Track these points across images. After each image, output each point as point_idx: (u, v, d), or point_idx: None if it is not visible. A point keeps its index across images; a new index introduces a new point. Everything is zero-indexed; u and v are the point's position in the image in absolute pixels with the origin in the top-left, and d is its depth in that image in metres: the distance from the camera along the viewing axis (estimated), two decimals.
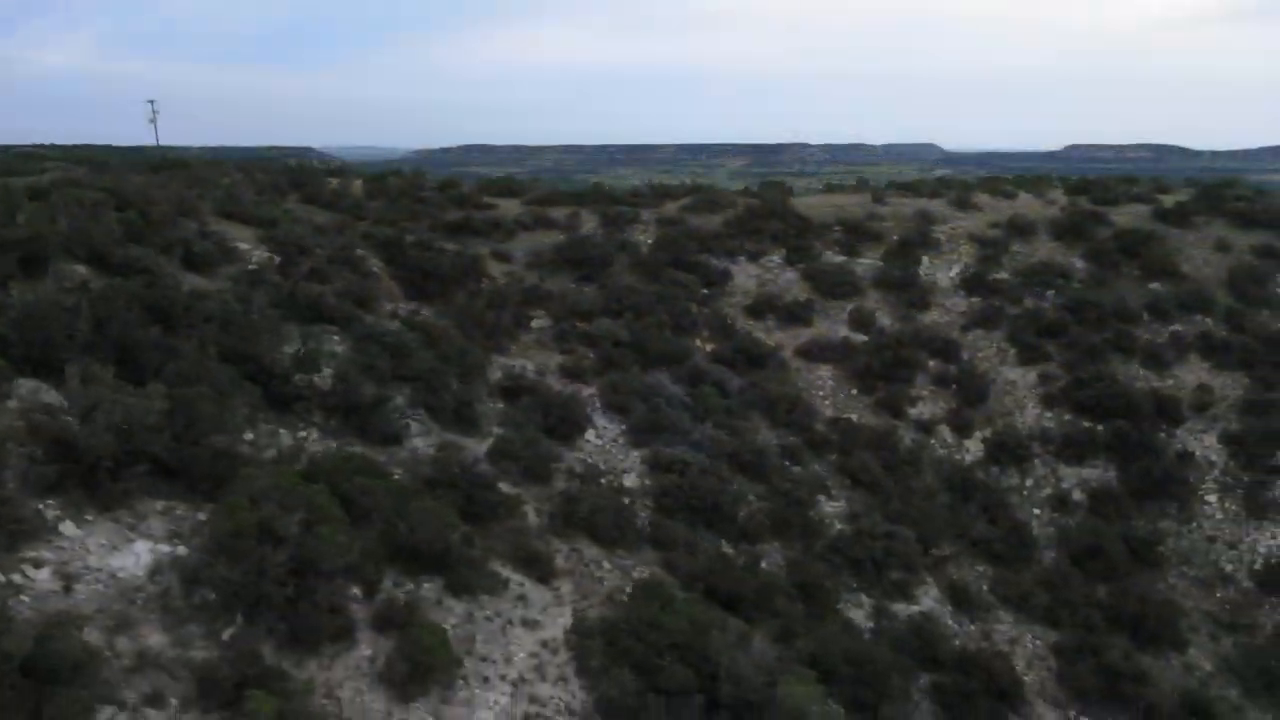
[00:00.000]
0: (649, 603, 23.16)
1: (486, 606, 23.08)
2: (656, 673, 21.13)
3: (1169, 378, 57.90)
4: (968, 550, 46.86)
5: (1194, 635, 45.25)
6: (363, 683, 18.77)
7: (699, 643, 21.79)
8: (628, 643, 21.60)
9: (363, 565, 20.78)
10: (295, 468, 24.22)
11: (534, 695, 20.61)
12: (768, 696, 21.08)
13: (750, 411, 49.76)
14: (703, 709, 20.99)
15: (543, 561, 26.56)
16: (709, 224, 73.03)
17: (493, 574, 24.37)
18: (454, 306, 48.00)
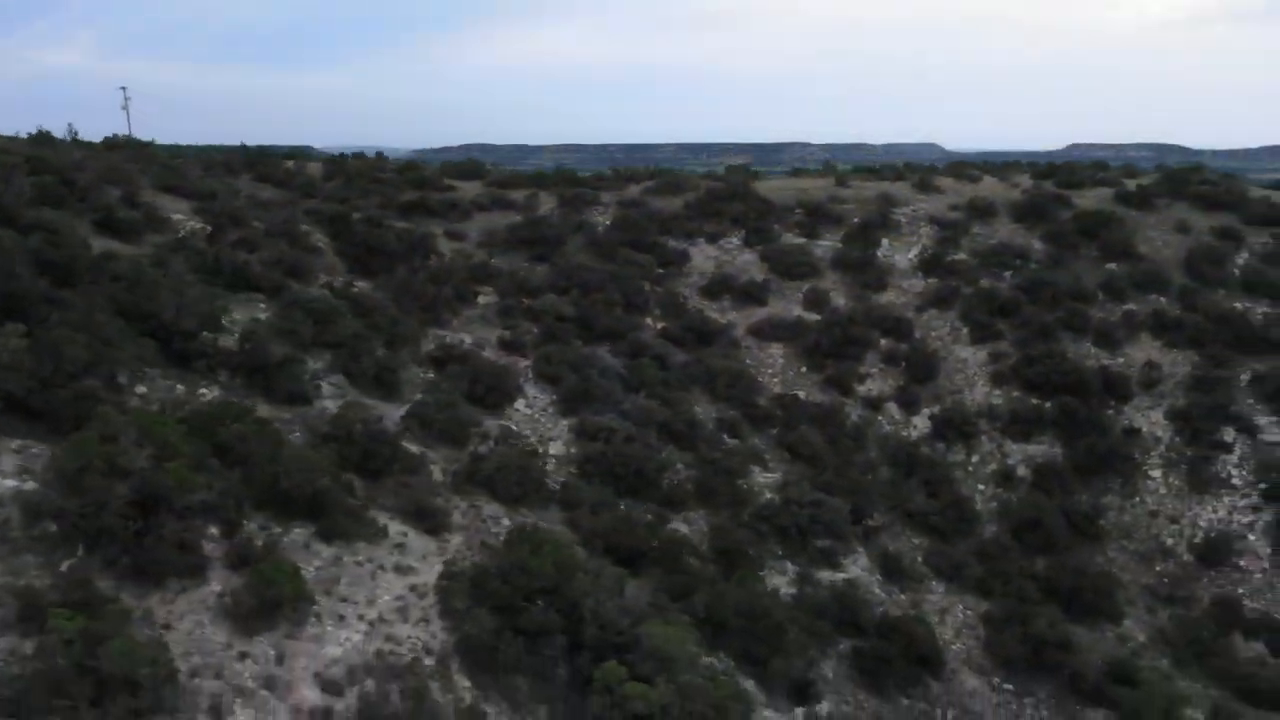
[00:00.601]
0: (520, 548, 23.16)
1: (360, 553, 23.10)
2: (519, 614, 21.15)
3: (1120, 356, 57.79)
4: (904, 522, 46.84)
5: (1131, 608, 45.20)
6: (206, 616, 18.81)
7: (566, 586, 21.80)
8: (494, 585, 21.61)
9: (222, 505, 20.80)
10: (176, 415, 24.24)
11: (391, 635, 20.62)
12: (633, 638, 21.08)
13: (692, 386, 49.77)
14: (565, 649, 21.00)
15: (434, 515, 26.58)
16: (670, 206, 72.99)
17: (372, 523, 24.40)
18: (394, 280, 48.00)
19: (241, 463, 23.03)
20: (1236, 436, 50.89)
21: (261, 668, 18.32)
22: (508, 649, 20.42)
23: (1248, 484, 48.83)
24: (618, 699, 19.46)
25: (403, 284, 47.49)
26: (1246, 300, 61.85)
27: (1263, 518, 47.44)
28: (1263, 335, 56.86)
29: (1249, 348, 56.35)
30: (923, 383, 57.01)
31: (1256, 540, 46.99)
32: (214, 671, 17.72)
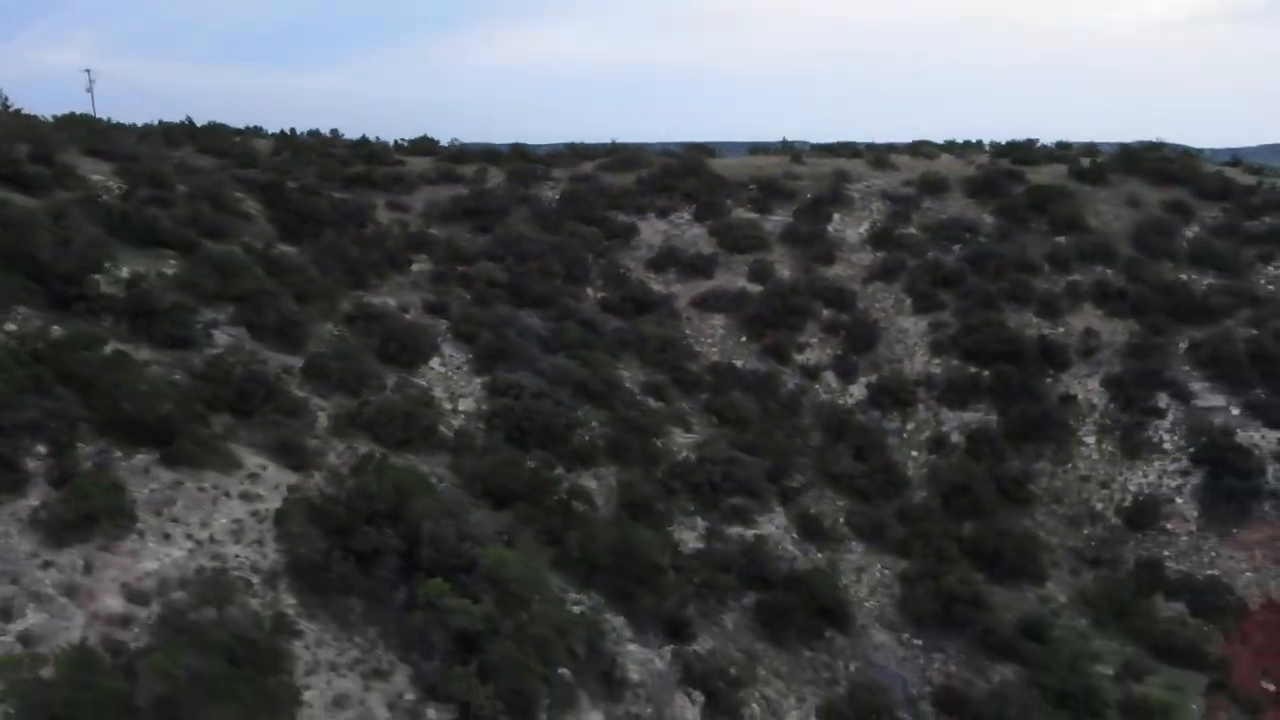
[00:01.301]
0: (363, 475, 23.01)
1: (206, 480, 22.96)
2: (353, 535, 21.00)
3: (1061, 325, 57.59)
4: (829, 485, 46.67)
5: (1055, 570, 45.02)
6: (15, 528, 18.67)
7: (406, 510, 21.63)
8: (333, 509, 21.46)
9: (50, 425, 20.64)
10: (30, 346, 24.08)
11: (219, 554, 20.47)
12: (470, 561, 20.93)
13: (622, 351, 49.63)
14: (399, 571, 20.85)
15: (302, 451, 26.44)
16: (622, 182, 72.86)
17: (228, 454, 24.26)
18: (320, 244, 47.82)
19: (87, 389, 22.85)
20: (1170, 402, 50.69)
21: (65, 576, 18.21)
22: (337, 569, 20.27)
23: (1179, 449, 48.65)
24: (440, 614, 19.32)
25: (328, 248, 47.31)
26: (1194, 271, 61.69)
27: (1191, 481, 47.25)
28: (1203, 305, 56.69)
29: (1189, 317, 56.15)
30: (861, 352, 56.82)
31: (1184, 503, 46.80)
32: (11, 578, 17.59)
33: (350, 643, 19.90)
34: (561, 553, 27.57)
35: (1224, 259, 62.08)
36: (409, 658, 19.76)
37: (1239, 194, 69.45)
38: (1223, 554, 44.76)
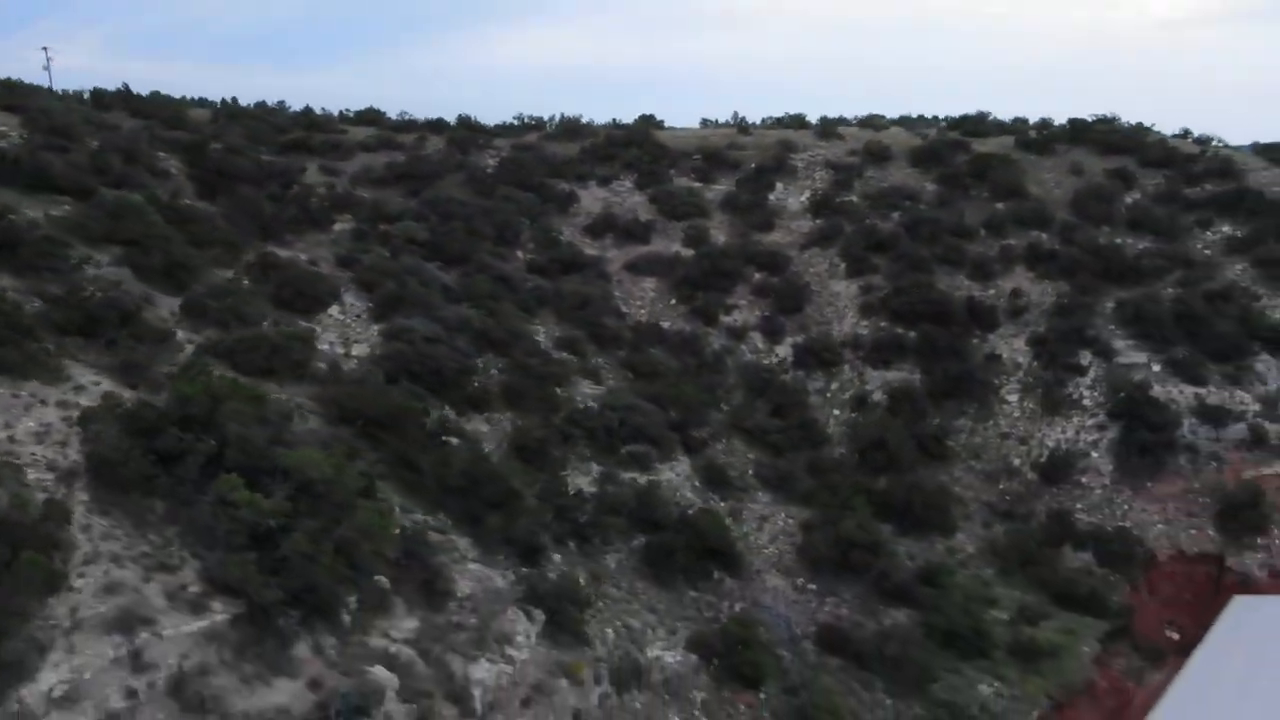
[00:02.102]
0: (182, 381, 22.74)
1: (24, 389, 22.75)
2: (159, 437, 20.73)
3: (991, 287, 57.40)
4: (742, 438, 46.45)
5: (967, 523, 44.78)
6: None
7: (217, 416, 21.36)
8: (144, 413, 21.20)
9: None
10: None
11: (14, 452, 20.22)
12: (273, 460, 20.67)
13: (540, 308, 49.42)
14: (206, 471, 20.60)
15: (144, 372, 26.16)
16: (565, 151, 72.69)
17: (56, 368, 24.03)
18: (234, 200, 47.55)
19: None
20: (1093, 360, 50.45)
21: None
22: (136, 467, 20.01)
23: (1098, 404, 48.41)
24: (230, 509, 19.06)
25: (241, 202, 47.04)
26: (1131, 236, 61.51)
27: (1108, 436, 47.01)
28: (1133, 267, 56.46)
29: (1119, 279, 55.92)
30: (790, 314, 56.60)
31: (1100, 458, 46.56)
32: None
33: (143, 539, 19.67)
34: (416, 477, 27.35)
35: (1161, 224, 61.89)
36: (201, 554, 19.53)
37: (1182, 162, 69.22)
38: (1135, 507, 44.53)
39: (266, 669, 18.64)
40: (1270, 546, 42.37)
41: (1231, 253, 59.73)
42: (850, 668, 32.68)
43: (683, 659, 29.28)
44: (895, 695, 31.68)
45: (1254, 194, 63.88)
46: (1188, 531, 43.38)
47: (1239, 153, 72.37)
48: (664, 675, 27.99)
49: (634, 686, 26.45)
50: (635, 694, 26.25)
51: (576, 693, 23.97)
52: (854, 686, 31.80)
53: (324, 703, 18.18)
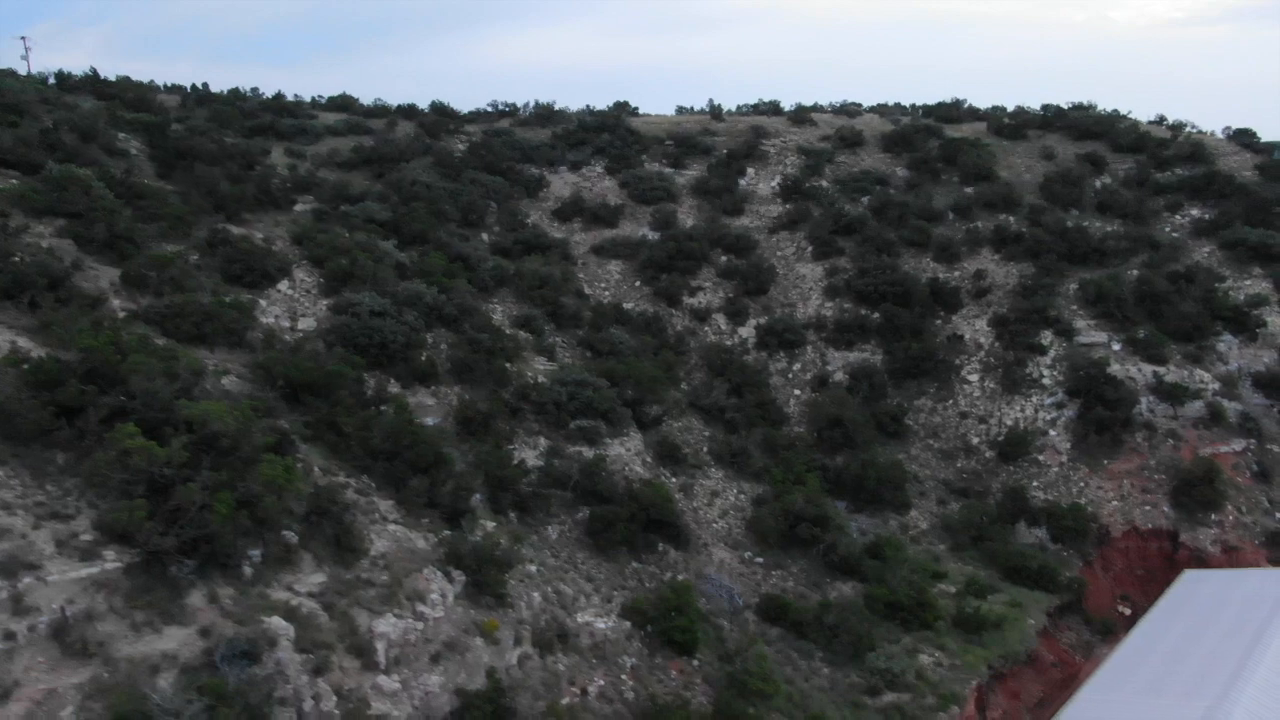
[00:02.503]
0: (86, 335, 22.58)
1: None
2: (57, 389, 20.60)
3: (957, 269, 57.33)
4: (699, 415, 46.35)
5: (922, 499, 44.74)
6: None
7: (122, 370, 21.24)
8: (46, 365, 21.06)
9: None
10: None
11: None
12: (176, 414, 20.54)
13: (499, 287, 49.30)
14: (106, 419, 20.47)
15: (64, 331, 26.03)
16: (537, 137, 72.57)
17: None
18: (190, 177, 47.37)
19: None
20: (1054, 339, 50.36)
21: None
22: (34, 419, 19.88)
23: (1057, 383, 48.31)
24: (125, 457, 18.93)
25: (196, 180, 46.85)
26: (1099, 219, 61.49)
27: (1066, 414, 46.93)
28: (1098, 248, 56.41)
29: (1083, 260, 55.90)
30: (754, 296, 56.52)
31: (1057, 436, 46.50)
32: None
33: (40, 489, 19.55)
34: (340, 440, 27.23)
35: (1129, 207, 61.85)
36: (97, 504, 19.41)
37: (1153, 147, 69.16)
38: (1091, 484, 44.47)
39: (157, 616, 18.51)
40: (1224, 523, 42.36)
41: (1199, 235, 59.75)
42: (789, 637, 32.57)
43: (615, 625, 29.16)
44: (832, 664, 31.57)
45: (1224, 177, 63.87)
46: (1143, 508, 43.34)
47: (1211, 138, 72.28)
48: (593, 640, 27.86)
49: (558, 650, 26.32)
50: (559, 657, 26.12)
51: (492, 651, 23.86)
52: (791, 655, 31.68)
53: (212, 649, 18.06)
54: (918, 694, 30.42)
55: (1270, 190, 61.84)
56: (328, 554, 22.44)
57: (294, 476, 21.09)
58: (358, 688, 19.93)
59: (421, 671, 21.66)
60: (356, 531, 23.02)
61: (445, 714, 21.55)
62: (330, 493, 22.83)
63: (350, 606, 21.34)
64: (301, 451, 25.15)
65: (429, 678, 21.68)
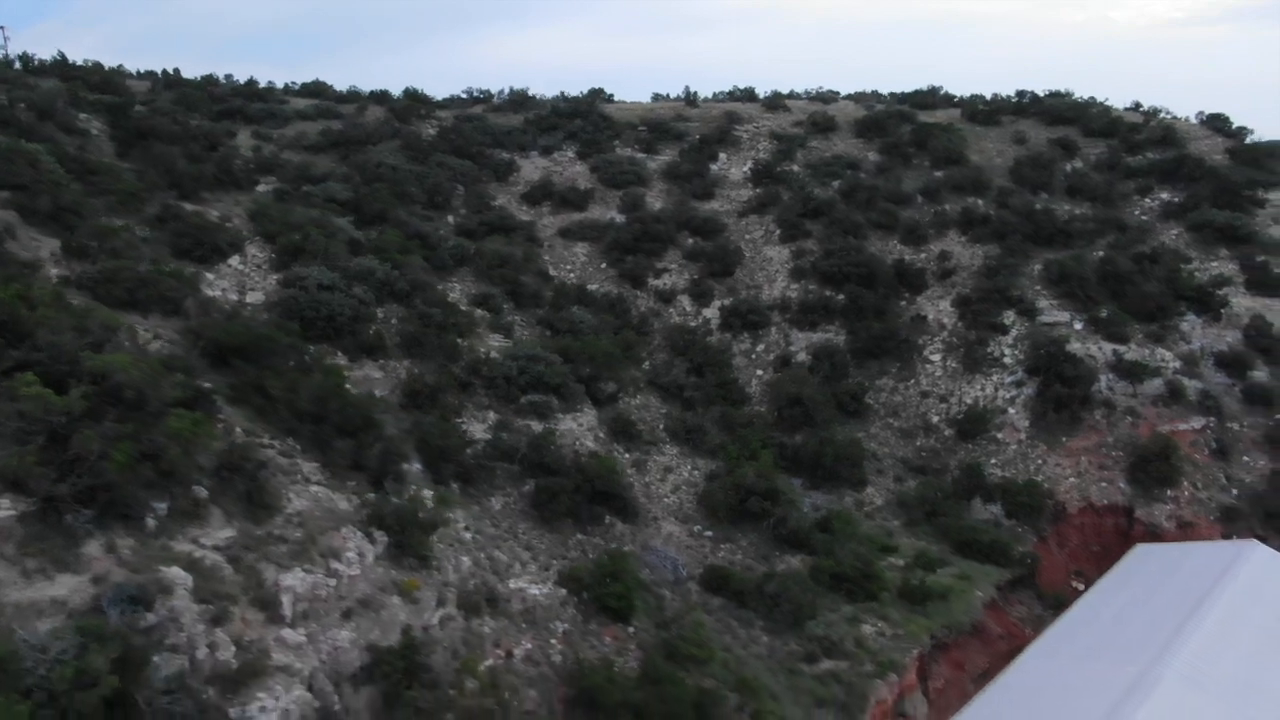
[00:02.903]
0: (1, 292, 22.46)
1: None
2: None
3: (923, 251, 57.20)
4: (657, 393, 46.24)
5: (879, 477, 44.63)
6: None
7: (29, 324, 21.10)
8: None
9: None
10: None
11: None
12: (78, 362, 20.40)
13: (459, 267, 49.20)
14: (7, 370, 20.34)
15: None
16: (510, 122, 72.46)
17: None
18: (147, 155, 47.23)
19: None
20: (1016, 319, 50.25)
21: None
22: None
23: (1018, 362, 48.19)
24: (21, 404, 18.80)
25: (154, 159, 46.71)
26: (1069, 202, 61.37)
27: (1025, 392, 46.82)
28: (1064, 229, 56.31)
29: (1049, 241, 55.79)
30: (720, 278, 56.39)
31: (1016, 414, 46.40)
32: None
33: None
34: (267, 403, 27.07)
35: (1098, 190, 61.78)
36: None
37: (1125, 132, 69.08)
38: (1050, 461, 44.35)
39: (50, 564, 18.32)
40: (1179, 498, 42.25)
41: (1167, 218, 59.67)
42: (730, 606, 32.43)
43: (550, 592, 28.99)
44: (772, 632, 31.41)
45: (1194, 160, 63.79)
46: (1099, 484, 43.22)
47: (1184, 123, 72.19)
48: (525, 606, 27.68)
49: (486, 613, 26.15)
50: (486, 620, 25.93)
51: (410, 610, 23.68)
52: (731, 624, 31.54)
53: (101, 595, 17.89)
54: (856, 661, 30.29)
55: (1240, 174, 61.78)
56: (239, 510, 22.27)
57: (204, 431, 20.92)
58: (259, 639, 19.74)
59: (331, 626, 21.48)
60: (270, 489, 22.86)
61: (355, 669, 21.38)
62: (244, 450, 22.66)
63: (258, 561, 21.17)
64: (224, 413, 24.99)
65: (339, 633, 21.50)
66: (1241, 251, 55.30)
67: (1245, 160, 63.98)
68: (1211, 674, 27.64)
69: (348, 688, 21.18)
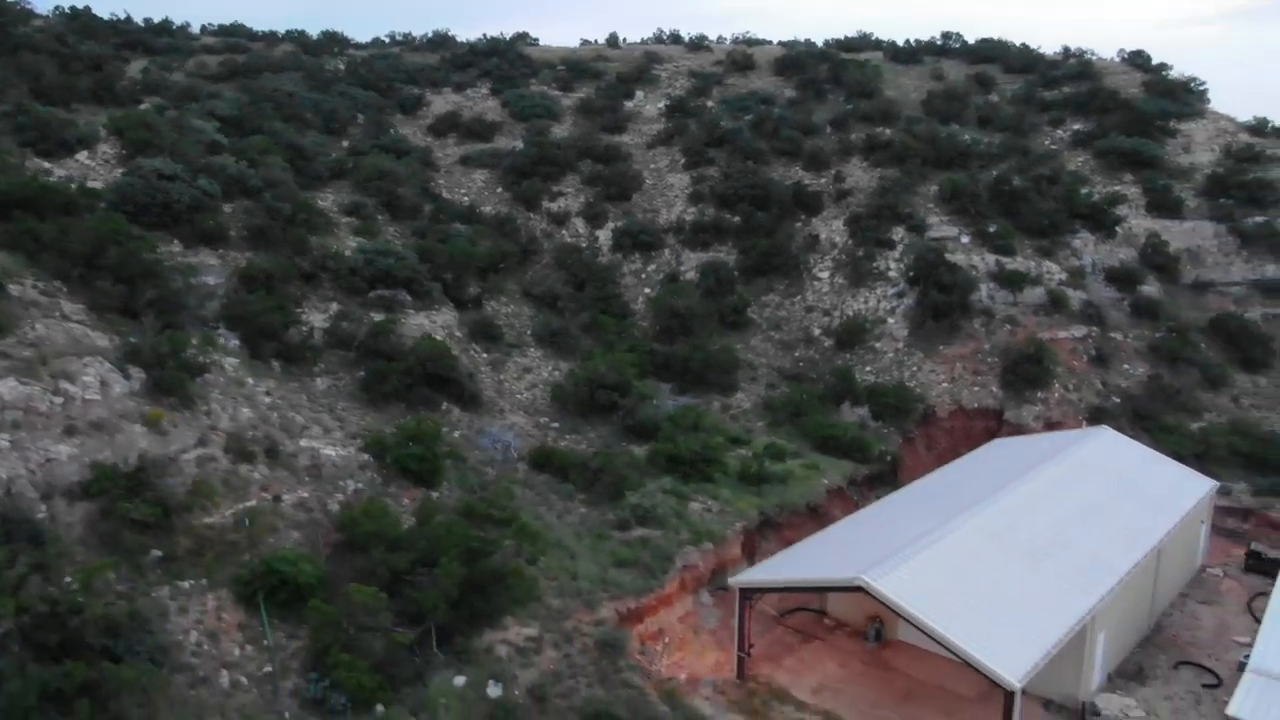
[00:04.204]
0: None
1: None
2: None
3: (823, 176, 56.47)
4: (530, 303, 45.58)
5: (752, 384, 43.90)
6: None
7: None
8: None
9: None
10: None
11: None
12: None
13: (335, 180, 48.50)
14: None
15: None
16: (427, 60, 71.70)
17: None
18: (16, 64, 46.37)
19: None
20: (905, 235, 49.53)
21: None
22: None
23: (902, 275, 47.49)
24: None
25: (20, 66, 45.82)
26: (980, 132, 60.62)
27: (905, 303, 46.14)
28: (963, 151, 55.64)
29: (949, 164, 54.99)
30: (617, 201, 55.63)
31: (896, 324, 45.71)
32: None
33: None
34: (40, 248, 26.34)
35: (1009, 120, 61.19)
36: None
37: (1044, 68, 68.49)
38: (925, 368, 43.68)
39: None
40: (1049, 400, 41.60)
41: (1077, 146, 59.08)
42: (554, 482, 31.75)
43: (348, 455, 28.26)
44: (592, 504, 30.76)
45: (1107, 93, 63.17)
46: (972, 389, 42.54)
47: (1104, 60, 71.55)
48: (313, 463, 26.93)
49: (260, 461, 25.43)
50: (258, 467, 25.21)
51: (155, 440, 22.95)
52: (551, 497, 30.87)
53: None
54: (671, 530, 29.57)
55: (1154, 105, 61.15)
56: None
57: None
58: None
59: (47, 439, 20.74)
60: (4, 310, 22.07)
61: (71, 482, 20.64)
62: None
63: None
64: None
65: (57, 446, 20.77)
66: (1145, 176, 54.71)
67: (1161, 93, 63.35)
68: (1016, 530, 26.99)
69: (61, 500, 20.45)
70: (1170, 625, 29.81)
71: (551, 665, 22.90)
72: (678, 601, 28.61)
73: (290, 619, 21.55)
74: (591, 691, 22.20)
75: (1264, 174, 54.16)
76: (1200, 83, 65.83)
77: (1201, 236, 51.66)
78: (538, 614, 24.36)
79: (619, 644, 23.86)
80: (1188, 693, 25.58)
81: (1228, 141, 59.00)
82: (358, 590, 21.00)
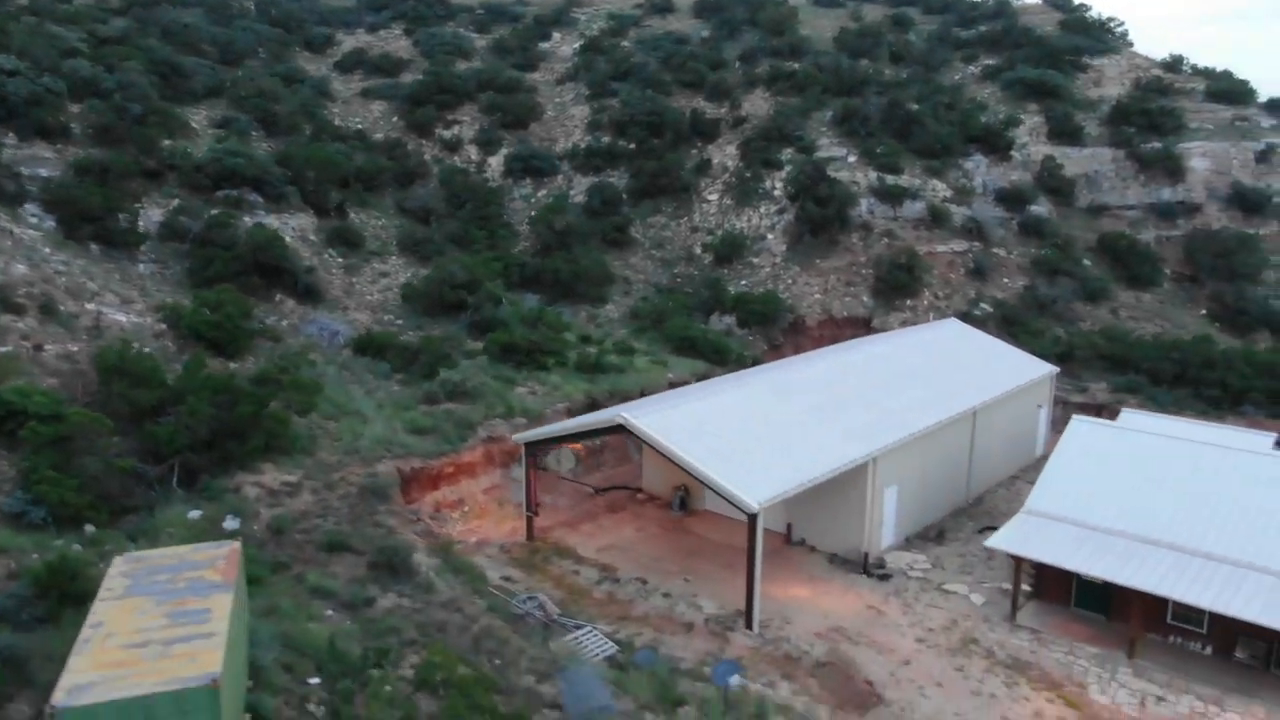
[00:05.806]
0: None
1: None
2: None
3: (723, 105, 55.82)
4: (400, 215, 44.90)
5: (625, 297, 43.29)
6: None
7: None
8: None
9: None
10: None
11: None
12: None
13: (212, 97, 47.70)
14: None
15: None
16: (343, 4, 70.94)
17: None
18: None
19: None
20: (793, 156, 48.91)
21: None
22: None
23: (786, 194, 46.88)
24: None
25: None
26: (891, 68, 60.04)
27: (785, 219, 45.53)
28: (863, 80, 55.06)
29: (849, 93, 54.37)
30: (513, 129, 54.93)
31: (774, 240, 45.13)
32: None
33: None
34: None
35: (920, 56, 60.61)
36: None
37: (963, 9, 67.97)
38: (800, 280, 43.12)
39: None
40: (917, 307, 41.09)
41: (986, 79, 58.54)
42: (371, 363, 31.09)
43: (142, 323, 27.55)
44: (407, 382, 30.11)
45: (1020, 30, 62.69)
46: (843, 299, 42.03)
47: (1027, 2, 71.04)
48: (98, 324, 26.22)
49: (31, 315, 24.70)
50: (28, 320, 24.49)
51: None
52: (367, 377, 30.20)
53: None
54: (483, 404, 28.94)
55: (1067, 41, 60.66)
56: None
57: None
58: None
59: None
60: None
61: None
62: None
63: None
64: None
65: None
66: (1048, 105, 54.16)
67: (1076, 30, 62.87)
68: (811, 391, 26.39)
69: None
70: (992, 500, 29.30)
71: (304, 507, 22.22)
72: (483, 473, 28.01)
73: (20, 449, 20.83)
74: (338, 529, 21.52)
75: (1169, 104, 53.70)
76: (1119, 22, 65.45)
77: (1099, 162, 51.11)
78: (304, 465, 23.70)
79: (382, 491, 23.20)
80: (981, 550, 25.01)
81: (1139, 76, 58.61)
82: (76, 413, 20.31)
